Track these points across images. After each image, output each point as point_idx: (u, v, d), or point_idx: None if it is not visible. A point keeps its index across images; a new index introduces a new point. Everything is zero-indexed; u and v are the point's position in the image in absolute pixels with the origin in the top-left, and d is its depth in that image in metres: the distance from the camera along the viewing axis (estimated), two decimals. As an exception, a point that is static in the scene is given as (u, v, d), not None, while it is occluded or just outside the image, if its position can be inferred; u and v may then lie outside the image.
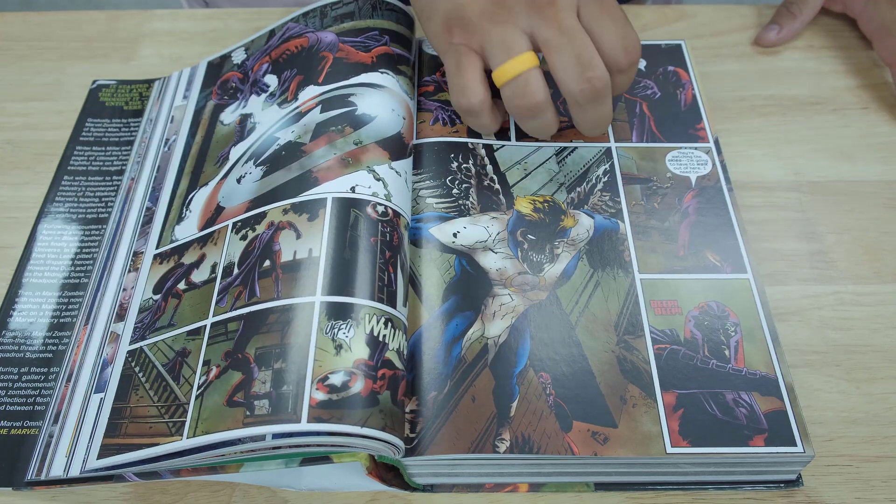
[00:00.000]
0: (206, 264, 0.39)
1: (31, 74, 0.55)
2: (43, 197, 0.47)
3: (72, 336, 0.41)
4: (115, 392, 0.36)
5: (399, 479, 0.36)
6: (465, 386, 0.35)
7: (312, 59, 0.46)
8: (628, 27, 0.41)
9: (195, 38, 0.57)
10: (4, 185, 0.49)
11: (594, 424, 0.34)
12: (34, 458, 0.36)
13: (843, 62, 0.55)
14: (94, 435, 0.36)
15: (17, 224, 0.46)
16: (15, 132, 0.52)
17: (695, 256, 0.40)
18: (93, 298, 0.42)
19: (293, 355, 0.33)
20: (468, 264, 0.40)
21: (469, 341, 0.37)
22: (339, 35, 0.47)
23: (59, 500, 0.37)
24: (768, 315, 0.38)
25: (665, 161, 0.45)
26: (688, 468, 0.35)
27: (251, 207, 0.40)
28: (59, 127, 0.51)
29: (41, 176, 0.49)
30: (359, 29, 0.47)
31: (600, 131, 0.43)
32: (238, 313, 0.36)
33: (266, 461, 0.34)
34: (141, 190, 0.46)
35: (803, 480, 0.36)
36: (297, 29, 0.49)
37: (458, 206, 0.42)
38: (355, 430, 0.31)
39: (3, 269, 0.44)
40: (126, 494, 0.37)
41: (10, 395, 0.39)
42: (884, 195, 0.47)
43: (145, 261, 0.42)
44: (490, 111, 0.43)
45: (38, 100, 0.53)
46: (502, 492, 0.36)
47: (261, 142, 0.44)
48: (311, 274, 0.35)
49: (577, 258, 0.40)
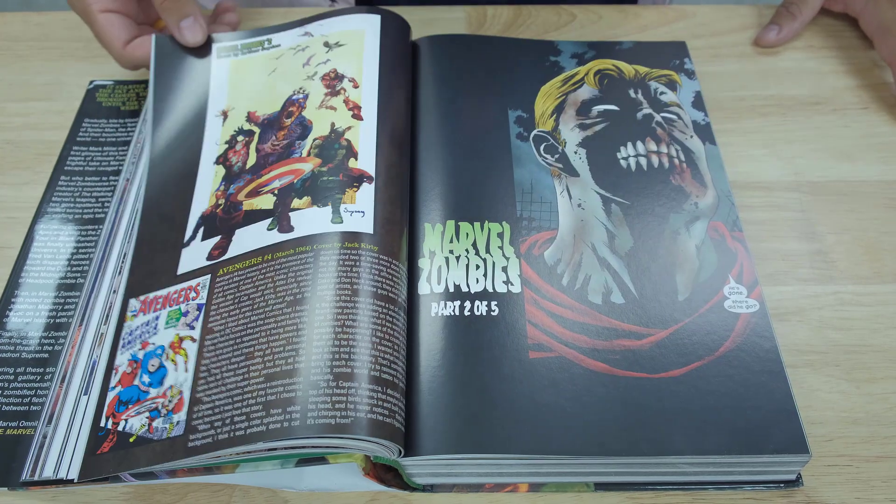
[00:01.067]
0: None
1: (31, 74, 0.55)
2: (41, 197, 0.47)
3: (67, 336, 0.41)
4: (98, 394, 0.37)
5: (398, 480, 0.35)
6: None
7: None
8: None
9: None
10: (4, 185, 0.49)
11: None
12: (29, 459, 0.36)
13: (843, 62, 0.55)
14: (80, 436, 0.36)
15: (17, 224, 0.46)
16: (15, 132, 0.52)
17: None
18: (87, 299, 0.42)
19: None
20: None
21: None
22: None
23: (58, 499, 0.37)
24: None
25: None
26: (687, 468, 0.35)
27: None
28: (58, 127, 0.51)
29: (41, 176, 0.49)
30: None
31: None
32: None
33: (262, 462, 0.34)
34: (134, 191, 0.46)
35: (803, 480, 0.36)
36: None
37: None
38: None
39: (2, 269, 0.44)
40: (126, 494, 0.37)
41: (7, 396, 0.39)
42: (884, 195, 0.47)
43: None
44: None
45: (38, 100, 0.53)
46: (502, 492, 0.36)
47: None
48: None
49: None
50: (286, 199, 0.40)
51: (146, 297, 0.40)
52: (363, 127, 0.43)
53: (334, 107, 0.44)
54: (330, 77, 0.45)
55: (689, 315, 0.38)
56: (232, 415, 0.33)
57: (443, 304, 0.38)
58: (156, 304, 0.39)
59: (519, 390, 0.35)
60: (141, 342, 0.38)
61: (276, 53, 0.49)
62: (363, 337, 0.34)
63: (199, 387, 0.34)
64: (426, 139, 0.45)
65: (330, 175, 0.40)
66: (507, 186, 0.43)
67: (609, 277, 0.39)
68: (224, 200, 0.42)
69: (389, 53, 0.47)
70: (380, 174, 0.41)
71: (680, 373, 0.36)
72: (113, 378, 0.37)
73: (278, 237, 0.39)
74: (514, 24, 0.57)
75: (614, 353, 0.37)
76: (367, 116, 0.43)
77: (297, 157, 0.42)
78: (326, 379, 0.33)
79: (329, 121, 0.43)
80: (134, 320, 0.39)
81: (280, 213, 0.40)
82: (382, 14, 0.49)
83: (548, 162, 0.44)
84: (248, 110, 0.46)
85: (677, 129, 0.46)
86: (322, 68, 0.46)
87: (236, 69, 0.49)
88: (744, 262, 0.40)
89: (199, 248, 0.40)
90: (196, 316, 0.37)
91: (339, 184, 0.40)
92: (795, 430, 0.34)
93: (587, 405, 0.35)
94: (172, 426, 0.34)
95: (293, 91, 0.46)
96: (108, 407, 0.36)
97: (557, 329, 0.38)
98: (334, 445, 0.32)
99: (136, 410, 0.35)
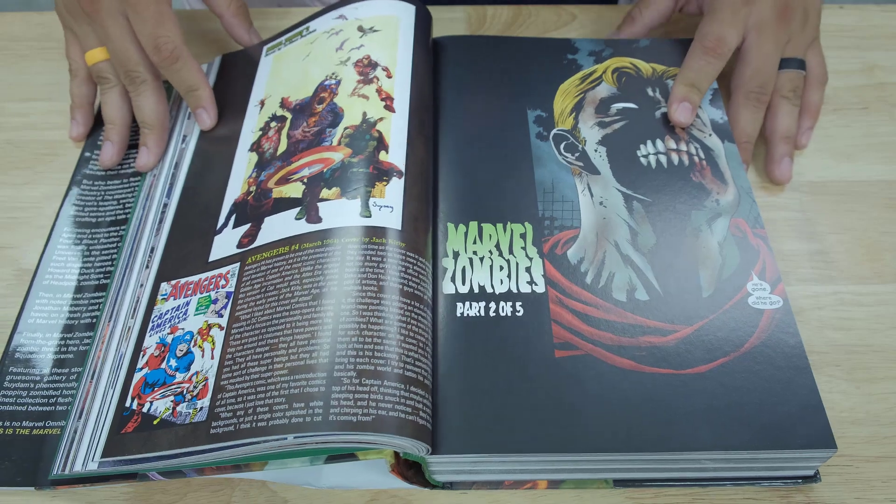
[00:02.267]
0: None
1: (32, 74, 0.55)
2: (43, 196, 0.48)
3: (95, 335, 0.40)
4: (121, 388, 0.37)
5: (419, 477, 0.35)
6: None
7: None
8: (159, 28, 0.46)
9: (195, 38, 0.57)
10: (4, 185, 0.49)
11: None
12: (60, 455, 0.36)
13: (843, 62, 0.55)
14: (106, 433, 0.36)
15: (17, 224, 0.46)
16: (15, 132, 0.51)
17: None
18: (115, 296, 0.41)
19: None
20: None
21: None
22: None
23: (59, 499, 0.36)
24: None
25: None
26: (709, 464, 0.35)
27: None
28: (59, 127, 0.52)
29: (41, 176, 0.49)
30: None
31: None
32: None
33: (290, 458, 0.33)
34: (160, 186, 0.46)
35: (821, 476, 0.36)
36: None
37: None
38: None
39: (2, 268, 0.45)
40: (126, 494, 0.36)
41: (32, 396, 0.38)
42: (884, 195, 0.47)
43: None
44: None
45: (38, 100, 0.53)
46: (522, 488, 0.36)
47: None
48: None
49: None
50: (315, 188, 0.40)
51: (177, 281, 0.39)
52: (395, 119, 0.42)
53: (367, 95, 0.43)
54: (363, 64, 0.45)
55: (713, 311, 0.38)
56: (255, 405, 0.32)
57: (468, 304, 0.38)
58: (186, 290, 0.39)
59: (545, 389, 0.36)
60: (170, 326, 0.38)
61: (311, 38, 0.49)
62: (388, 334, 0.34)
63: (224, 375, 0.34)
64: (445, 138, 0.45)
65: (360, 167, 0.40)
66: (528, 186, 0.43)
67: (633, 274, 0.40)
68: (255, 187, 0.42)
69: (422, 47, 0.47)
70: (409, 169, 0.40)
71: (706, 369, 0.36)
72: (140, 360, 0.37)
73: (306, 227, 0.38)
74: (515, 24, 0.57)
75: (640, 350, 0.37)
76: (399, 109, 0.43)
77: (327, 145, 0.42)
78: (350, 375, 0.32)
79: (361, 110, 0.43)
80: (164, 304, 0.39)
81: (308, 202, 0.39)
82: (417, 5, 0.49)
83: (568, 161, 0.44)
84: (282, 97, 0.46)
85: (696, 127, 0.46)
86: (355, 54, 0.46)
87: (278, 60, 0.50)
88: (766, 259, 0.40)
89: (231, 236, 0.40)
90: (225, 304, 0.37)
91: (369, 176, 0.39)
92: (822, 425, 0.35)
93: (613, 402, 0.35)
94: (196, 412, 0.34)
95: (325, 76, 0.45)
96: (133, 388, 0.36)
97: (583, 327, 0.38)
98: (365, 441, 0.32)
99: (161, 394, 0.35)
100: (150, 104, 0.47)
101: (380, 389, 0.32)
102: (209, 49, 0.56)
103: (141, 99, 0.48)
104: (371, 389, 0.32)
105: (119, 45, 0.47)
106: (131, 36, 0.47)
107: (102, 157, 0.48)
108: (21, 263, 0.45)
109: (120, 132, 0.49)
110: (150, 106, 0.47)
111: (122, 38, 0.47)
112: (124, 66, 0.47)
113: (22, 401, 0.38)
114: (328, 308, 0.35)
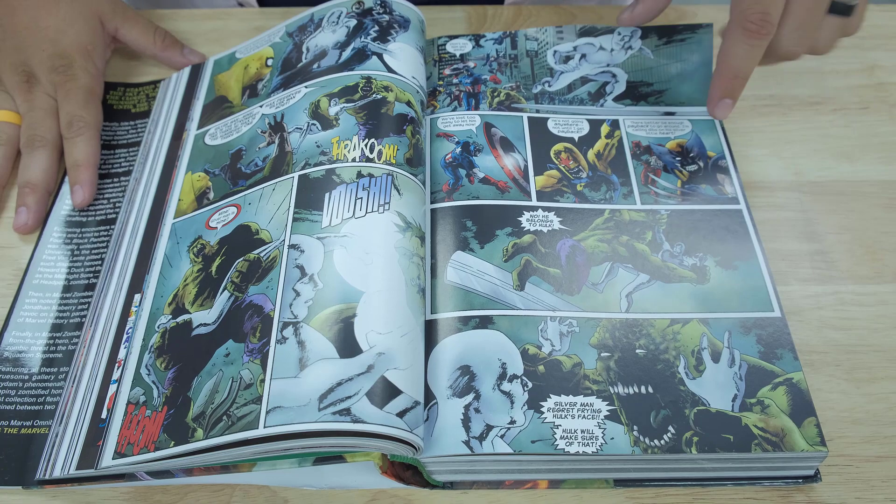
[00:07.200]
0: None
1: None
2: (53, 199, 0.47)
3: (80, 336, 0.40)
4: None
5: (418, 477, 0.35)
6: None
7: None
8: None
9: (196, 38, 0.57)
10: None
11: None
12: (43, 458, 0.36)
13: (843, 62, 0.55)
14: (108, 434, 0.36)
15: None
16: (15, 132, 0.51)
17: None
18: (98, 299, 0.41)
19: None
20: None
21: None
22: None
23: (59, 499, 0.36)
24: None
25: None
26: (706, 464, 0.35)
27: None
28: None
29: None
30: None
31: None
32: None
33: (278, 460, 0.33)
34: (141, 190, 0.46)
35: (821, 476, 0.36)
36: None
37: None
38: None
39: (2, 269, 0.44)
40: (126, 494, 0.36)
41: (21, 395, 0.38)
42: (884, 195, 0.47)
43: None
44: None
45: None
46: (522, 488, 0.36)
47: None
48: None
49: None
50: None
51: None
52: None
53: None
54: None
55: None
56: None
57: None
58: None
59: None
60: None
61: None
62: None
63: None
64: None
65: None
66: None
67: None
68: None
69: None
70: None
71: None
72: (115, 371, 0.37)
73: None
74: (515, 24, 0.57)
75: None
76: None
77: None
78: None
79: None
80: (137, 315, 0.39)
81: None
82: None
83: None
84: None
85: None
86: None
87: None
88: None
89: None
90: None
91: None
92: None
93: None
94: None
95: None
96: (108, 399, 0.36)
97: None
98: (348, 445, 0.32)
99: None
100: (43, 166, 0.46)
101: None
102: (209, 49, 0.56)
103: (34, 159, 0.46)
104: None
105: (39, 115, 0.47)
106: (54, 111, 0.48)
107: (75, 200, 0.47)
108: (20, 263, 0.45)
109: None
110: (42, 167, 0.46)
111: (45, 111, 0.48)
112: (35, 131, 0.47)
113: (10, 399, 0.38)
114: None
